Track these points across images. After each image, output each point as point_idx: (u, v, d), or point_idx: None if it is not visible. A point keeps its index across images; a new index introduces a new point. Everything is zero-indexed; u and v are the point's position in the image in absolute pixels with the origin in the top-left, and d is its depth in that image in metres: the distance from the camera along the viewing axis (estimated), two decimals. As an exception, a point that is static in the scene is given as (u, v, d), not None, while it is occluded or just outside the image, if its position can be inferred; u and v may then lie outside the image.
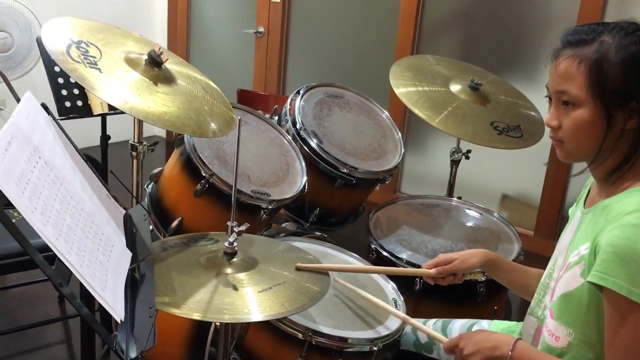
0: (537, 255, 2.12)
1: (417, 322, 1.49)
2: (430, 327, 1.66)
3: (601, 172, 1.21)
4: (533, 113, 2.34)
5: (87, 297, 1.19)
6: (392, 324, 1.56)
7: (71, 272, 0.96)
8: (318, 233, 2.09)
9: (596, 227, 1.16)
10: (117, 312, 1.00)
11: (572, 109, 1.16)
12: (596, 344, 1.17)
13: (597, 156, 1.18)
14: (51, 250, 0.94)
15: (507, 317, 2.13)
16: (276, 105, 2.19)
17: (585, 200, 1.31)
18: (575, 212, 1.32)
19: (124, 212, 1.36)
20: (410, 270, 1.79)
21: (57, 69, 2.05)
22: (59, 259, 0.95)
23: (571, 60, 1.15)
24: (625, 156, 1.17)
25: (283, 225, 2.24)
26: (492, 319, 1.69)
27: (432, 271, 1.50)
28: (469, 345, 1.31)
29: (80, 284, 0.97)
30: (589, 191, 1.32)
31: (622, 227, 1.09)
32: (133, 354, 0.98)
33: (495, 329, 1.59)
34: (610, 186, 1.20)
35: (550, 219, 3.21)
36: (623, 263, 1.07)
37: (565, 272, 1.22)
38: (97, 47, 1.51)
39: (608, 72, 1.12)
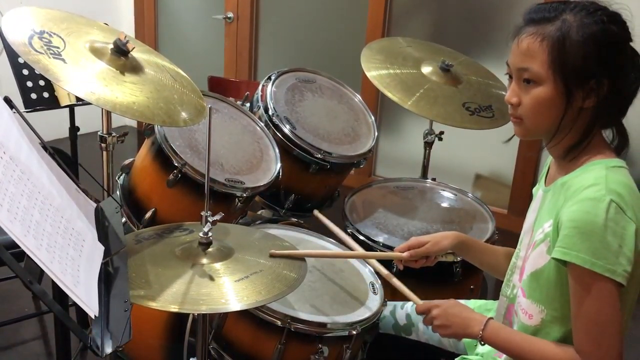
0: (511, 233, 2.13)
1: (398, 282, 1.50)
2: (407, 309, 1.68)
3: (559, 150, 1.23)
4: (504, 93, 2.34)
5: (60, 294, 1.17)
6: (371, 307, 1.57)
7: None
8: (294, 219, 2.08)
9: (557, 204, 1.18)
10: (91, 307, 0.98)
11: (533, 87, 1.17)
12: (568, 318, 1.19)
13: (555, 134, 1.20)
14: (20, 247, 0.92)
15: (484, 296, 2.16)
16: (247, 92, 2.16)
17: (545, 179, 1.33)
18: (537, 192, 1.34)
19: (95, 205, 1.34)
20: (383, 254, 1.78)
21: (21, 60, 2.00)
22: (28, 256, 0.93)
23: (533, 37, 1.16)
24: (582, 134, 1.19)
25: (259, 212, 2.23)
26: (469, 298, 1.71)
27: (405, 254, 1.51)
28: (441, 317, 1.33)
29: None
30: (548, 169, 1.34)
31: (581, 201, 1.11)
32: (109, 350, 0.96)
33: (470, 307, 1.60)
34: (568, 163, 1.22)
35: (523, 196, 3.25)
36: (584, 237, 1.09)
37: (532, 250, 1.25)
38: (60, 37, 1.47)
39: (570, 50, 1.13)
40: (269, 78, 2.11)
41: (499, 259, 1.51)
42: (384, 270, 1.55)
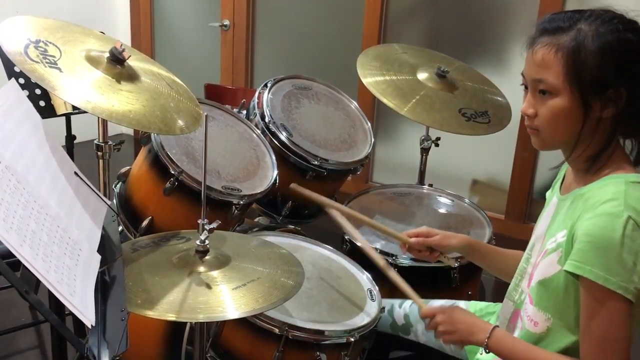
0: (508, 238, 2.14)
1: (396, 276, 1.50)
2: (406, 309, 1.67)
3: (580, 163, 1.21)
4: (500, 98, 2.36)
5: (56, 303, 1.17)
6: (369, 314, 1.56)
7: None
8: (291, 226, 2.08)
9: (573, 215, 1.17)
10: (88, 317, 0.98)
11: (549, 98, 1.16)
12: (574, 328, 1.18)
13: (575, 146, 1.18)
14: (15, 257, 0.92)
15: (481, 301, 2.16)
16: (244, 99, 2.17)
17: (561, 186, 1.32)
18: (552, 198, 1.33)
19: (107, 205, 1.33)
20: (392, 232, 1.75)
21: (17, 69, 1.99)
22: (24, 265, 0.92)
23: (548, 48, 1.14)
24: (603, 145, 1.17)
25: (256, 219, 2.22)
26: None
27: (412, 240, 1.51)
28: (446, 323, 1.31)
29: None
30: (564, 176, 1.33)
31: (598, 215, 1.10)
32: (105, 359, 0.96)
33: (472, 309, 1.60)
34: (588, 175, 1.21)
35: (520, 202, 3.26)
36: (599, 252, 1.08)
37: (543, 258, 1.23)
38: (56, 46, 1.47)
39: (586, 60, 1.12)
40: (265, 85, 2.11)
41: (508, 262, 1.49)
42: (380, 262, 1.53)
